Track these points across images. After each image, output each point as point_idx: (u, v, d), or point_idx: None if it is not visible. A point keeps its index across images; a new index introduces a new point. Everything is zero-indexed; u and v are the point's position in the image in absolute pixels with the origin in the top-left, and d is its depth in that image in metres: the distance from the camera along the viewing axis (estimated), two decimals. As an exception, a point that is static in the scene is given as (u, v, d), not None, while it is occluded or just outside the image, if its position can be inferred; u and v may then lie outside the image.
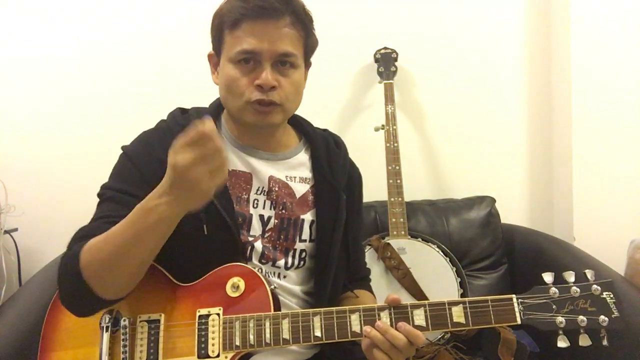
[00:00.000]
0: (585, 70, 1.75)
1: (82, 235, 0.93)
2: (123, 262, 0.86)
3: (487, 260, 1.73)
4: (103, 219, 0.95)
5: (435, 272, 1.60)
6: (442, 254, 1.63)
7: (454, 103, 1.94)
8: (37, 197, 1.76)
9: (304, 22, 0.99)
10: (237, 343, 0.92)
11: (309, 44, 1.03)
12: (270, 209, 1.06)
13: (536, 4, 1.92)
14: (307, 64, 1.06)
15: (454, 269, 1.61)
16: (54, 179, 1.79)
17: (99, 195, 1.02)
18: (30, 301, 1.25)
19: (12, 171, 1.76)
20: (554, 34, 1.88)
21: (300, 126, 1.15)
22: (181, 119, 1.06)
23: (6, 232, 1.66)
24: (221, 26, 0.99)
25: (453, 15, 1.92)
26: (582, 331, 0.85)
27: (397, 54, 1.84)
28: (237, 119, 1.03)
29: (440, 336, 1.53)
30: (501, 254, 1.75)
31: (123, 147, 1.06)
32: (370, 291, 1.23)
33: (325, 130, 1.21)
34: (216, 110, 1.08)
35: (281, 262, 1.05)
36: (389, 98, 1.77)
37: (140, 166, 1.00)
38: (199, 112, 1.08)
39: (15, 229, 1.69)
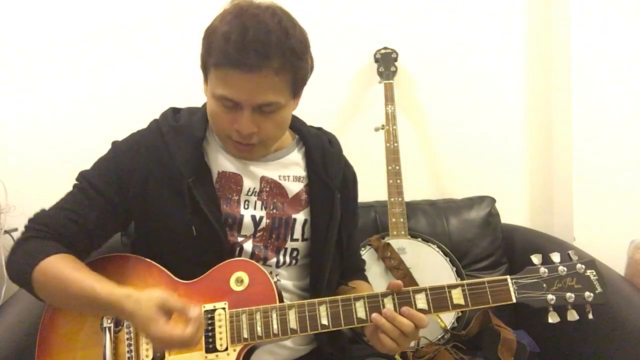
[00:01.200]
0: (585, 70, 1.75)
1: (42, 223, 0.99)
2: (64, 304, 0.98)
3: (487, 260, 1.73)
4: (67, 211, 0.99)
5: (435, 272, 1.60)
6: (442, 254, 1.63)
7: (453, 103, 1.94)
8: (37, 197, 1.76)
9: (291, 64, 0.91)
10: (245, 335, 0.93)
11: (298, 80, 0.96)
12: (261, 209, 1.06)
13: (536, 4, 1.92)
14: (297, 94, 1.01)
15: (454, 269, 1.61)
16: (54, 179, 1.78)
17: (76, 180, 1.05)
18: (30, 301, 1.24)
19: (12, 171, 1.76)
20: (554, 33, 1.88)
21: (294, 125, 1.14)
22: (173, 119, 1.07)
23: (6, 232, 1.66)
24: (207, 57, 0.94)
25: (453, 15, 1.92)
26: (569, 307, 0.91)
27: (397, 54, 1.84)
28: (222, 145, 1.05)
29: (440, 336, 1.53)
30: (501, 254, 1.76)
31: (113, 143, 1.09)
32: (366, 281, 1.24)
33: (319, 128, 1.20)
34: None
35: (272, 261, 1.06)
36: (389, 98, 1.77)
37: (120, 169, 1.03)
38: (191, 113, 1.09)
39: (15, 229, 1.69)
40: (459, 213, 1.79)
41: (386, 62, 1.82)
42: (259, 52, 0.88)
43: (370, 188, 1.25)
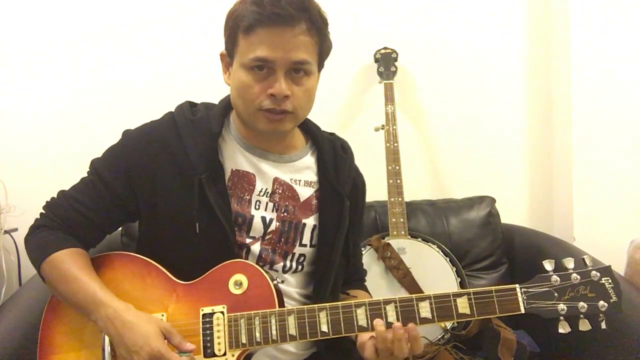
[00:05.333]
0: (585, 70, 1.75)
1: (55, 213, 1.03)
2: (63, 298, 0.99)
3: (487, 260, 1.73)
4: (77, 203, 1.02)
5: (435, 272, 1.60)
6: (442, 254, 1.63)
7: (453, 103, 1.94)
8: (37, 197, 1.76)
9: (319, 28, 0.96)
10: (244, 341, 0.92)
11: (324, 49, 1.01)
12: (272, 211, 1.05)
13: (536, 4, 1.92)
14: (321, 68, 1.04)
15: (454, 269, 1.61)
16: (55, 178, 1.78)
17: (88, 168, 1.07)
18: (30, 301, 1.25)
19: (12, 171, 1.76)
20: (554, 33, 1.88)
21: (308, 129, 1.14)
22: (189, 113, 1.06)
23: (6, 232, 1.66)
24: (235, 29, 0.96)
25: (453, 15, 1.92)
26: (582, 316, 0.86)
27: (397, 54, 1.84)
28: (248, 123, 1.02)
29: (440, 336, 1.53)
30: (501, 254, 1.75)
31: (125, 132, 1.08)
32: (366, 291, 1.23)
33: (332, 134, 1.20)
34: (225, 108, 1.07)
35: (279, 266, 1.05)
36: (389, 98, 1.77)
37: (130, 161, 1.03)
38: (207, 108, 1.08)
39: (15, 229, 1.69)
40: (459, 213, 1.78)
41: (386, 62, 1.81)
42: (293, 4, 0.91)
43: (370, 188, 1.24)
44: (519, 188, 1.98)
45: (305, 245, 1.07)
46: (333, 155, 1.12)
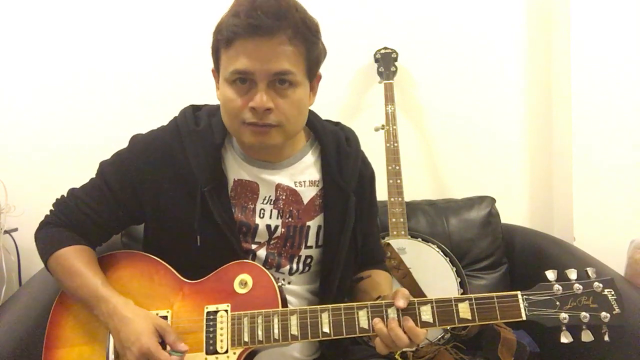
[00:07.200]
0: (585, 70, 1.75)
1: (62, 212, 1.06)
2: (68, 292, 1.02)
3: (487, 260, 1.73)
4: (83, 205, 1.05)
5: (435, 272, 1.60)
6: (442, 254, 1.63)
7: (453, 103, 1.94)
8: (37, 197, 1.76)
9: (304, 36, 0.92)
10: (246, 339, 0.93)
11: (313, 57, 0.96)
12: (277, 218, 1.05)
13: (536, 4, 1.92)
14: (315, 77, 1.01)
15: (454, 269, 1.61)
16: (54, 178, 1.78)
17: (98, 169, 1.08)
18: (30, 301, 1.25)
19: (12, 171, 1.76)
20: (554, 33, 1.88)
21: (309, 122, 1.09)
22: (192, 121, 1.05)
23: (6, 232, 1.66)
24: (217, 44, 0.95)
25: (453, 15, 1.92)
26: (584, 327, 0.87)
27: (397, 54, 1.84)
28: (236, 138, 1.02)
29: (440, 336, 1.53)
30: (501, 254, 1.75)
31: (132, 138, 1.08)
32: (386, 270, 1.23)
33: (337, 124, 1.17)
34: None
35: (285, 269, 1.05)
36: (389, 98, 1.77)
37: (135, 169, 1.03)
38: (210, 114, 1.06)
39: (15, 229, 1.69)
40: (459, 213, 1.78)
41: (386, 62, 1.81)
42: (269, 14, 0.88)
43: (371, 188, 1.24)
44: (519, 188, 1.98)
45: (310, 247, 1.07)
46: (336, 151, 1.09)
